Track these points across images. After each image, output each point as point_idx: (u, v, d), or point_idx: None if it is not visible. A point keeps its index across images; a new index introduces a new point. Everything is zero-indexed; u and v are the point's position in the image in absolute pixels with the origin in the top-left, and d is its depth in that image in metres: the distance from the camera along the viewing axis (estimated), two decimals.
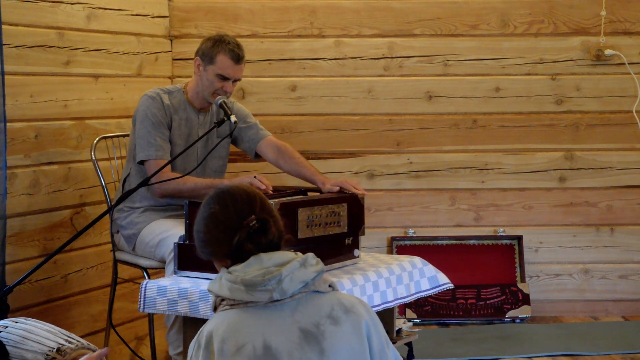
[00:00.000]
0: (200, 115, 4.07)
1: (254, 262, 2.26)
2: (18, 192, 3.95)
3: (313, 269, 2.28)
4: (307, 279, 2.26)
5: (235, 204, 2.31)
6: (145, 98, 3.97)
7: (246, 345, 2.19)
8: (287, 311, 2.24)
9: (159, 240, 3.88)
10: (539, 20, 5.06)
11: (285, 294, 2.23)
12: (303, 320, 2.24)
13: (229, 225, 2.29)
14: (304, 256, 2.31)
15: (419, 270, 3.76)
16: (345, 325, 2.26)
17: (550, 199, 5.14)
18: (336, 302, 2.29)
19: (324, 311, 2.26)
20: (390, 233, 5.12)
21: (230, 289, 2.24)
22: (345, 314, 2.27)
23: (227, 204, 2.31)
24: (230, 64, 3.92)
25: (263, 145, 4.14)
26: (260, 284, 2.22)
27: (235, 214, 2.30)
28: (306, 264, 2.28)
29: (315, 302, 2.27)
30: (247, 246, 2.28)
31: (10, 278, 3.77)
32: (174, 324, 3.84)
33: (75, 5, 4.25)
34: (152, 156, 3.90)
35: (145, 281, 3.40)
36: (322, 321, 2.25)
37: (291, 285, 2.24)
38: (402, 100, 5.09)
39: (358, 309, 2.30)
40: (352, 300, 2.32)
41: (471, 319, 4.98)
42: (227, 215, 2.30)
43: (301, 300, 2.26)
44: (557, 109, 5.10)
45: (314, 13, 5.03)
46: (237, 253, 2.29)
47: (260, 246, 2.29)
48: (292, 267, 2.25)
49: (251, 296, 2.23)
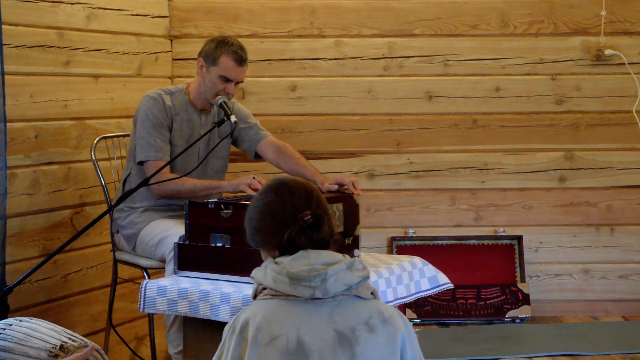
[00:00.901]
0: (202, 116, 4.08)
1: (302, 257, 2.28)
2: (18, 192, 3.95)
3: (359, 274, 2.30)
4: (352, 282, 2.27)
5: (292, 196, 2.33)
6: (146, 99, 3.97)
7: (280, 337, 2.20)
8: (326, 311, 2.25)
9: (159, 239, 3.88)
10: (539, 20, 5.06)
11: (328, 293, 2.24)
12: (340, 323, 2.25)
13: (284, 217, 2.31)
14: (352, 260, 2.32)
15: (419, 270, 3.76)
16: (380, 335, 2.26)
17: (550, 199, 5.14)
18: (375, 310, 2.29)
19: (362, 317, 2.27)
20: (390, 233, 5.12)
21: (275, 279, 2.26)
22: (383, 323, 2.28)
23: (284, 195, 2.33)
24: (233, 66, 3.93)
25: (263, 146, 4.15)
26: (305, 279, 2.23)
27: (292, 206, 2.31)
28: (353, 268, 2.30)
29: (355, 306, 2.28)
30: (299, 240, 2.29)
31: (10, 278, 3.77)
32: (173, 323, 3.85)
33: (75, 5, 4.25)
34: (152, 157, 3.90)
35: (145, 281, 3.40)
36: (358, 327, 2.25)
37: (335, 286, 2.25)
38: (402, 100, 5.09)
39: (396, 321, 2.30)
40: (391, 312, 2.32)
41: (471, 319, 4.98)
42: (283, 207, 2.32)
43: (341, 303, 2.27)
44: (557, 109, 5.10)
45: (314, 13, 5.03)
46: (288, 246, 2.30)
47: (311, 242, 2.30)
48: (338, 268, 2.26)
49: (294, 290, 2.24)
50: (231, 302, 3.16)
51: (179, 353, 3.81)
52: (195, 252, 3.41)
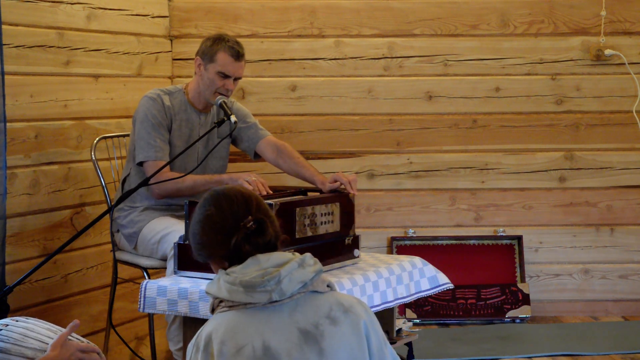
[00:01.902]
0: (201, 115, 4.08)
1: (252, 263, 2.26)
2: (18, 192, 3.95)
3: (311, 269, 2.28)
4: (306, 279, 2.26)
5: (231, 205, 2.30)
6: (145, 99, 3.98)
7: (246, 346, 2.19)
8: (286, 311, 2.24)
9: (161, 237, 3.88)
10: (539, 20, 5.06)
11: (285, 294, 2.23)
12: (302, 321, 2.24)
13: (226, 227, 2.28)
14: (302, 256, 2.30)
15: (419, 270, 3.76)
16: (344, 326, 2.26)
17: (550, 199, 5.14)
18: (335, 302, 2.29)
19: (322, 311, 2.26)
20: (390, 233, 5.12)
21: (229, 290, 2.23)
22: (344, 314, 2.27)
23: (222, 205, 2.30)
24: (231, 61, 3.93)
25: (262, 145, 4.15)
26: (260, 285, 2.22)
27: (232, 215, 2.29)
28: (304, 264, 2.28)
29: (313, 302, 2.27)
30: (245, 247, 2.27)
31: (10, 278, 3.77)
32: (174, 320, 3.85)
33: (75, 5, 4.25)
34: (152, 157, 3.90)
35: (145, 281, 3.40)
36: (321, 321, 2.24)
37: (290, 286, 2.23)
38: (402, 100, 5.09)
39: (357, 309, 2.30)
40: (350, 300, 2.32)
41: (471, 319, 4.98)
42: (223, 217, 2.29)
43: (300, 301, 2.26)
44: (557, 109, 5.10)
45: (314, 13, 5.03)
46: (235, 255, 2.28)
47: (257, 247, 2.28)
48: (290, 268, 2.25)
49: (250, 297, 2.22)
50: None
51: (179, 350, 3.82)
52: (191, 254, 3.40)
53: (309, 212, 3.51)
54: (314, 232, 3.53)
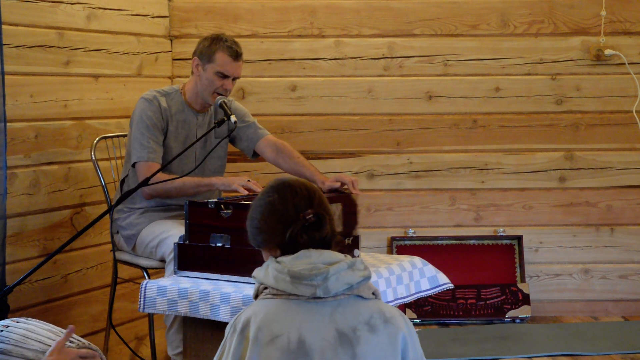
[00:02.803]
0: (198, 116, 4.07)
1: (303, 256, 2.28)
2: (18, 192, 3.95)
3: (360, 274, 2.30)
4: (353, 281, 2.27)
5: (294, 196, 2.33)
6: (142, 101, 3.97)
7: (281, 336, 2.20)
8: (327, 310, 2.25)
9: (159, 240, 3.88)
10: (539, 20, 5.06)
11: (329, 292, 2.24)
12: (341, 322, 2.25)
13: (286, 216, 2.32)
14: (353, 259, 2.32)
15: (419, 270, 3.76)
16: (381, 335, 2.26)
17: (550, 199, 5.14)
18: (377, 310, 2.30)
19: (363, 317, 2.27)
20: (390, 233, 5.12)
21: (276, 278, 2.26)
22: (384, 323, 2.28)
23: (286, 195, 2.34)
24: (230, 61, 3.93)
25: (262, 145, 4.14)
26: (307, 278, 2.24)
27: (294, 205, 2.32)
28: (354, 268, 2.30)
29: (356, 306, 2.28)
30: (301, 239, 2.29)
31: (10, 278, 3.77)
32: (173, 324, 3.84)
33: (75, 5, 4.25)
34: (144, 158, 3.89)
35: (145, 281, 3.40)
36: (359, 326, 2.25)
37: (336, 285, 2.25)
38: (402, 100, 5.09)
39: (397, 321, 2.30)
40: (392, 312, 2.32)
41: (471, 319, 4.98)
42: (285, 206, 2.33)
43: (342, 302, 2.27)
44: (557, 109, 5.10)
45: (314, 13, 5.03)
46: (289, 245, 2.31)
47: (313, 241, 2.31)
48: (339, 268, 2.26)
49: (295, 288, 2.24)
50: (231, 302, 3.16)
51: (178, 355, 3.81)
52: (195, 252, 3.41)
53: None
54: None
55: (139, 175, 3.86)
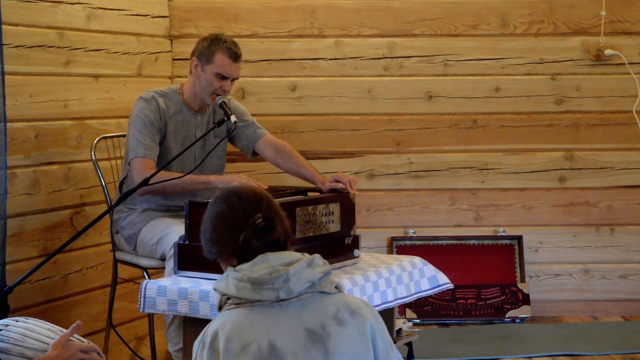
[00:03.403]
0: (197, 116, 4.06)
1: (261, 261, 2.27)
2: (18, 192, 3.95)
3: (320, 270, 2.29)
4: (314, 278, 2.27)
5: (241, 202, 2.32)
6: (140, 100, 3.96)
7: (251, 344, 2.19)
8: (293, 311, 2.25)
9: (160, 237, 3.88)
10: (539, 20, 5.06)
11: (292, 293, 2.24)
12: (309, 321, 2.24)
13: (236, 224, 2.30)
14: (311, 257, 2.32)
15: (419, 270, 3.76)
16: (350, 327, 2.26)
17: (550, 199, 5.14)
18: (342, 303, 2.29)
19: (329, 312, 2.27)
20: (390, 233, 5.12)
21: (237, 287, 2.25)
22: (351, 315, 2.28)
23: (233, 202, 2.33)
24: (229, 62, 3.92)
25: (261, 144, 4.14)
26: (267, 282, 2.23)
27: (242, 212, 2.31)
28: (313, 264, 2.29)
29: (321, 302, 2.28)
30: (253, 244, 2.28)
31: (10, 278, 3.77)
32: (173, 321, 3.84)
33: (75, 5, 4.25)
34: (140, 154, 3.87)
35: (145, 281, 3.40)
36: (327, 322, 2.25)
37: (298, 285, 2.24)
38: (402, 100, 5.09)
39: (363, 311, 2.30)
40: (358, 302, 2.32)
41: (471, 319, 4.98)
42: (234, 214, 2.31)
43: (307, 301, 2.27)
44: (557, 109, 5.10)
45: (314, 13, 5.03)
46: (244, 252, 2.29)
47: (266, 244, 2.30)
48: (299, 267, 2.26)
49: (258, 294, 2.23)
50: None
51: (178, 351, 3.81)
52: (195, 252, 3.40)
53: (309, 212, 3.51)
54: (314, 232, 3.53)
55: (134, 171, 3.85)
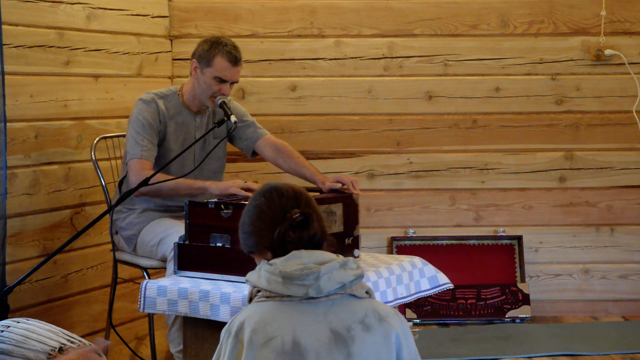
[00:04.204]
0: (196, 118, 4.06)
1: (294, 257, 2.29)
2: (18, 192, 3.95)
3: (352, 272, 2.30)
4: (345, 280, 2.28)
5: (281, 197, 2.35)
6: (140, 102, 3.96)
7: (275, 338, 2.21)
8: (321, 310, 2.26)
9: (160, 238, 3.88)
10: (539, 20, 5.06)
11: (322, 292, 2.25)
12: (335, 322, 2.25)
13: (273, 217, 2.33)
14: (345, 259, 2.33)
15: (419, 270, 3.76)
16: (376, 334, 2.26)
17: (550, 199, 5.14)
18: (371, 309, 2.30)
19: (357, 316, 2.27)
20: (390, 233, 5.12)
21: (268, 279, 2.26)
22: (379, 322, 2.28)
23: (273, 197, 2.36)
24: (228, 66, 3.91)
25: (261, 144, 4.14)
26: (298, 278, 2.24)
27: (280, 207, 2.34)
28: (346, 267, 2.30)
29: (350, 305, 2.29)
30: (289, 238, 2.30)
31: (10, 278, 3.77)
32: (174, 322, 3.84)
33: (75, 5, 4.25)
34: (137, 155, 3.87)
35: (145, 281, 3.40)
36: (354, 325, 2.26)
37: (328, 284, 2.25)
38: (402, 100, 5.09)
39: (391, 320, 2.30)
40: (387, 310, 2.33)
41: (471, 319, 4.98)
42: (272, 208, 2.35)
43: (336, 302, 2.27)
44: (557, 109, 5.10)
45: (314, 13, 5.03)
46: (279, 246, 2.32)
47: (301, 239, 2.32)
48: (331, 267, 2.27)
49: (287, 289, 2.24)
50: (231, 302, 3.16)
51: (180, 352, 3.81)
52: (195, 252, 3.41)
53: None
54: None
55: (131, 172, 3.86)
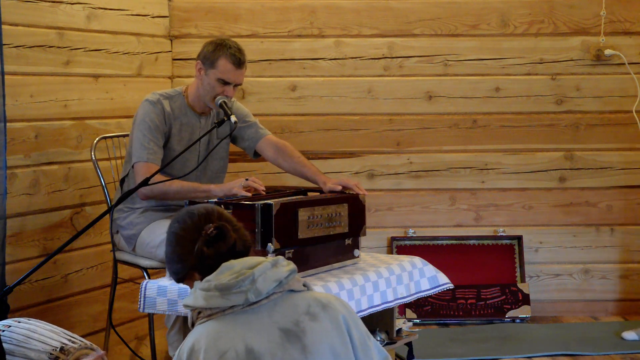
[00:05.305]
0: (201, 119, 4.06)
1: (226, 268, 2.28)
2: (18, 192, 3.95)
3: (285, 269, 2.31)
4: (281, 277, 2.28)
5: (192, 218, 2.37)
6: (146, 103, 3.96)
7: (228, 351, 2.19)
8: (265, 313, 2.25)
9: (160, 240, 3.87)
10: (539, 20, 5.06)
11: (261, 294, 2.24)
12: (282, 320, 2.25)
13: (189, 238, 2.34)
14: (275, 258, 2.33)
15: (419, 270, 3.76)
16: (324, 321, 2.27)
17: (550, 199, 5.14)
18: (312, 299, 2.31)
19: (301, 308, 2.28)
20: (390, 233, 5.12)
21: (205, 297, 2.25)
22: (323, 309, 2.29)
23: (185, 220, 2.38)
24: (232, 69, 3.91)
25: (263, 144, 4.14)
26: (235, 286, 2.23)
27: (194, 227, 2.35)
28: (278, 264, 2.30)
29: (291, 301, 2.29)
30: (206, 252, 2.30)
31: (10, 278, 3.77)
32: (174, 325, 3.84)
33: (75, 5, 4.25)
34: (143, 159, 3.88)
35: (145, 281, 3.40)
36: (300, 318, 2.26)
37: (265, 285, 2.25)
38: (402, 100, 5.09)
39: (334, 305, 2.32)
40: (328, 297, 2.34)
41: (471, 319, 4.98)
42: (187, 229, 2.36)
43: (277, 301, 2.27)
44: (557, 109, 5.10)
45: (314, 13, 5.03)
46: (200, 263, 2.32)
47: (220, 253, 2.31)
48: (264, 268, 2.27)
49: (227, 300, 2.23)
50: None
51: None
52: None
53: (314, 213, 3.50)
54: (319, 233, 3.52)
55: (137, 175, 3.86)
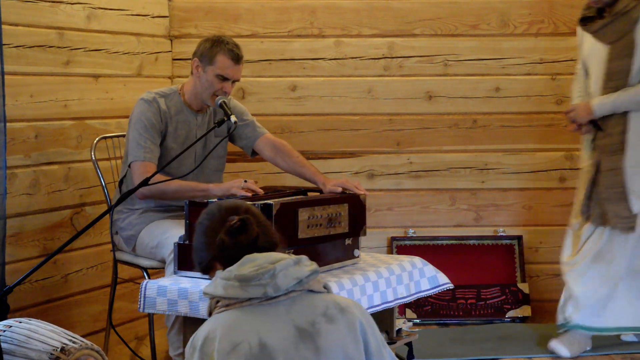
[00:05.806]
0: (197, 116, 4.07)
1: (249, 260, 2.29)
2: (18, 192, 3.95)
3: (308, 268, 2.31)
4: (301, 276, 2.28)
5: (220, 210, 2.39)
6: (141, 102, 3.96)
7: (242, 343, 2.19)
8: (282, 309, 2.26)
9: (159, 241, 3.87)
10: (539, 20, 5.06)
11: (279, 289, 2.24)
12: (298, 319, 2.25)
13: (215, 229, 2.36)
14: (299, 256, 2.34)
15: (419, 270, 3.76)
16: (340, 324, 2.27)
17: (550, 199, 5.14)
18: (331, 301, 2.31)
19: (319, 310, 2.28)
20: (390, 233, 5.12)
21: (225, 286, 2.26)
22: (341, 313, 2.29)
23: (213, 212, 2.41)
24: (230, 64, 3.92)
25: (260, 143, 4.14)
26: (254, 279, 2.24)
27: (220, 218, 2.37)
28: (300, 263, 2.31)
29: (310, 301, 2.29)
30: (228, 243, 2.32)
31: (10, 278, 3.77)
32: (174, 325, 3.84)
33: (75, 5, 4.25)
34: (140, 158, 3.88)
35: (145, 281, 3.40)
36: (317, 319, 2.26)
37: (285, 281, 2.25)
38: (402, 100, 5.09)
39: (353, 309, 2.32)
40: (347, 301, 2.34)
41: (471, 319, 4.98)
42: (213, 220, 2.38)
43: (296, 299, 2.28)
44: (557, 109, 5.10)
45: (314, 13, 5.03)
46: (224, 254, 2.33)
47: (240, 244, 2.32)
48: (286, 264, 2.28)
49: (245, 292, 2.24)
50: None
51: (179, 355, 3.81)
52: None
53: (314, 213, 3.50)
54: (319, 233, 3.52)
55: (134, 174, 3.86)
